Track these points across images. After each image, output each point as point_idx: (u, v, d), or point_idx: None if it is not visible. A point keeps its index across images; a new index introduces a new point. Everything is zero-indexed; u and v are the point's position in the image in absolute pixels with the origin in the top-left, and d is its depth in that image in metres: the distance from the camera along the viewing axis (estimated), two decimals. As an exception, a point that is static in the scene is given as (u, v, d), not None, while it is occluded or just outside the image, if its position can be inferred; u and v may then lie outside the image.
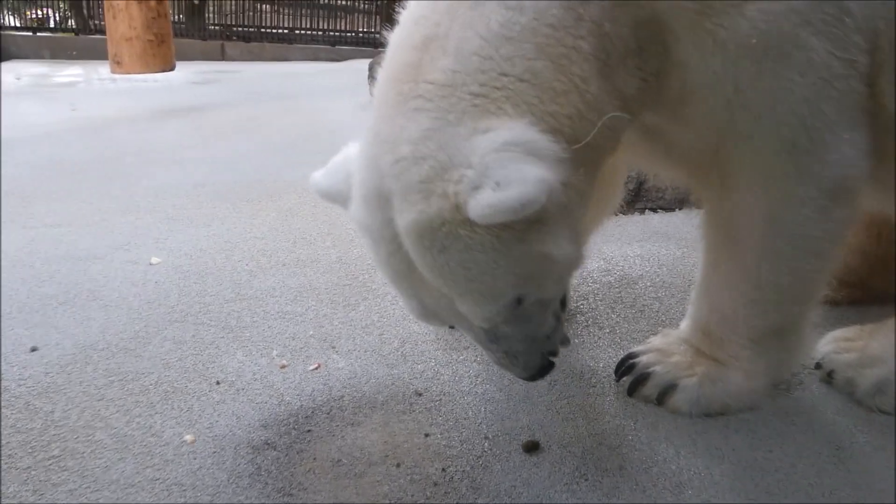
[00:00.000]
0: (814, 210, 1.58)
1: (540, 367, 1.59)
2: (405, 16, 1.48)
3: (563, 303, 1.68)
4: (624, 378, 1.87)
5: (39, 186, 3.72)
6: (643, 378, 1.83)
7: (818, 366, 1.94)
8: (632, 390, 1.84)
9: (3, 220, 3.15)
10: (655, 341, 1.94)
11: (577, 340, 2.12)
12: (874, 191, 1.70)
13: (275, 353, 2.03)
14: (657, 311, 2.33)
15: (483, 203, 1.23)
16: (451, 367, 1.97)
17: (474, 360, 2.00)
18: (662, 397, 1.80)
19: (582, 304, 2.35)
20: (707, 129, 1.56)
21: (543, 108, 1.36)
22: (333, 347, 2.07)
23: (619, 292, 2.45)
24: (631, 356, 1.91)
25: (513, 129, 1.29)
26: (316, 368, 1.95)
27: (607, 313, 2.30)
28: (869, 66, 1.48)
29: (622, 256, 2.75)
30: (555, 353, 1.62)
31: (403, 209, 1.32)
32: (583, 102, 1.41)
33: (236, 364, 1.97)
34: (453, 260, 1.33)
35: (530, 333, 1.53)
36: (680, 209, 3.29)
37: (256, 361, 1.99)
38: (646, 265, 2.67)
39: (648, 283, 2.53)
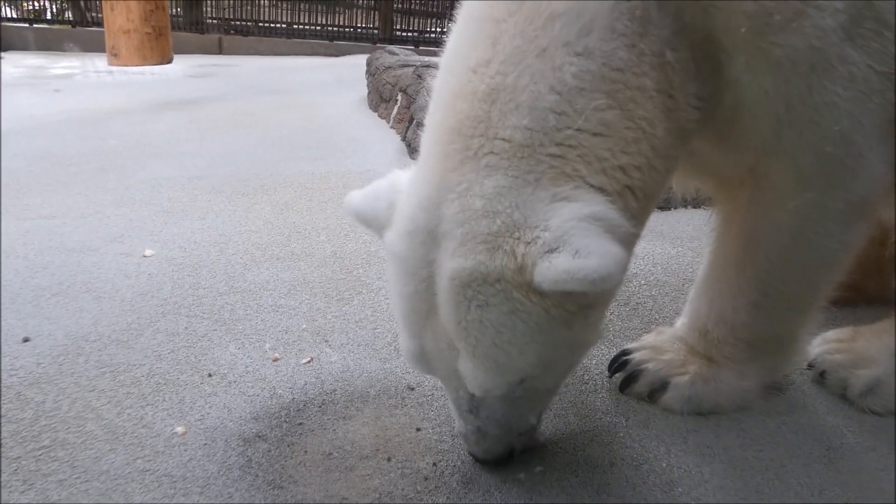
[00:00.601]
0: (838, 223, 1.60)
1: (498, 456, 1.53)
2: (454, 60, 1.41)
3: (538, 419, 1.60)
4: (616, 375, 1.88)
5: (34, 178, 3.70)
6: (635, 375, 1.84)
7: (810, 366, 1.94)
8: (624, 387, 1.84)
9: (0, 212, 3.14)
10: (649, 339, 1.94)
11: (570, 337, 2.12)
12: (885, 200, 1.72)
13: (267, 346, 2.03)
14: (651, 309, 2.33)
15: (558, 268, 1.19)
16: (443, 362, 1.96)
17: (467, 356, 2.00)
18: (654, 394, 1.80)
19: (576, 302, 2.35)
20: (750, 146, 1.56)
21: (615, 162, 1.34)
22: (326, 341, 2.06)
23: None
24: (624, 353, 1.91)
25: (596, 204, 1.27)
26: (308, 362, 1.95)
27: (601, 311, 2.30)
28: None
29: (617, 254, 2.74)
30: (514, 450, 1.54)
31: (459, 255, 1.27)
32: (651, 150, 1.40)
33: (228, 356, 1.97)
34: (490, 319, 1.28)
35: (512, 418, 1.48)
36: (675, 208, 3.29)
37: (249, 354, 1.98)
38: (640, 263, 2.67)
39: (643, 282, 2.53)
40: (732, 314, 1.76)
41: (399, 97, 5.11)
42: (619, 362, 1.89)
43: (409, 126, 4.58)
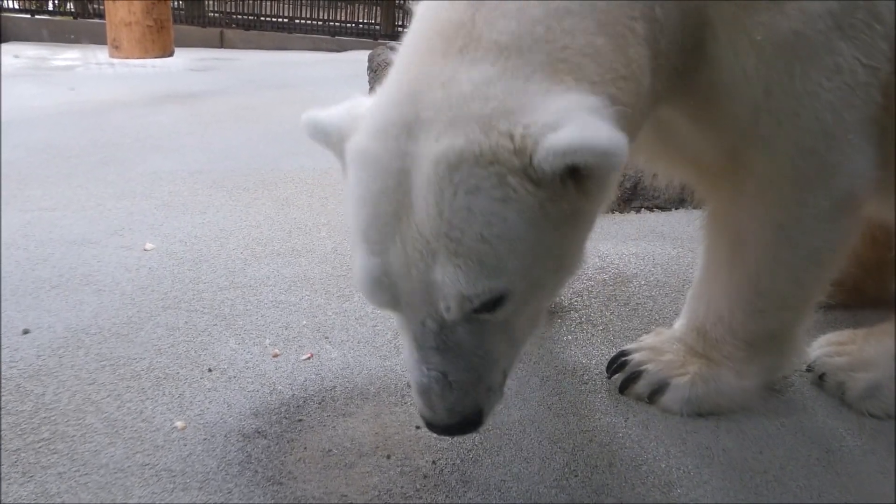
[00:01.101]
0: (821, 220, 1.58)
1: (463, 418, 1.35)
2: None
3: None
4: (616, 375, 1.88)
5: (35, 170, 3.70)
6: (635, 376, 1.84)
7: (809, 368, 1.94)
8: (623, 388, 1.84)
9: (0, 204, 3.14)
10: (648, 339, 1.94)
11: (570, 337, 2.12)
12: (876, 199, 1.69)
13: (267, 341, 2.03)
14: (650, 310, 2.33)
15: (568, 136, 1.12)
16: (443, 360, 1.96)
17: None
18: (654, 395, 1.80)
19: (576, 301, 2.35)
20: (728, 129, 1.54)
21: (604, 90, 1.27)
22: (326, 338, 2.06)
23: (614, 290, 2.45)
24: (623, 353, 1.91)
25: (594, 100, 1.21)
26: (308, 358, 1.95)
27: (601, 311, 2.30)
28: (889, 74, 1.46)
29: (617, 255, 2.75)
30: (483, 411, 1.37)
31: (447, 136, 1.17)
32: (636, 95, 1.35)
33: (228, 352, 1.97)
34: (480, 206, 1.17)
35: (484, 360, 1.34)
36: (676, 209, 3.29)
37: (249, 350, 1.98)
38: (641, 264, 2.68)
39: (643, 282, 2.53)
40: (729, 314, 1.76)
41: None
42: (618, 363, 1.89)
43: (410, 123, 4.57)
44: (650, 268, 2.65)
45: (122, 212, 3.10)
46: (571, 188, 1.21)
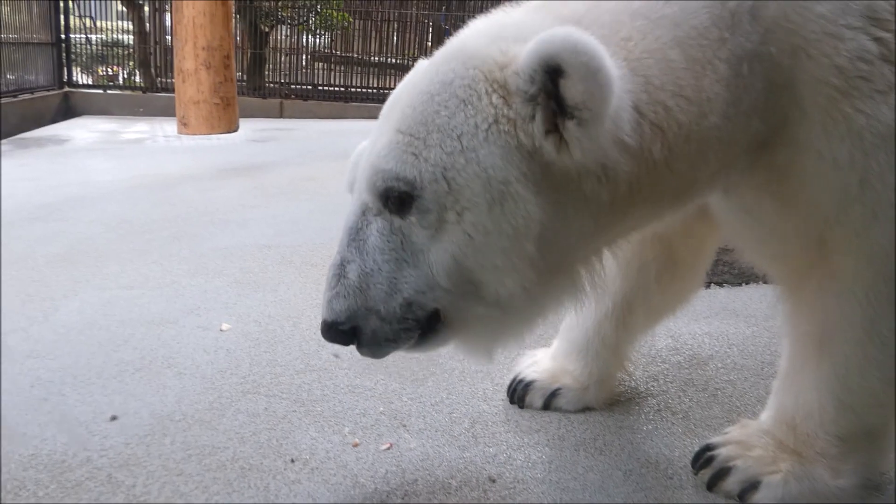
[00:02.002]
0: None
1: (333, 320, 1.29)
2: None
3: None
4: (703, 471, 1.83)
5: (112, 245, 3.85)
6: (723, 472, 1.79)
7: None
8: (711, 485, 1.79)
9: (80, 280, 3.27)
10: (734, 432, 1.89)
11: (650, 427, 2.08)
12: None
13: (346, 429, 2.04)
14: (731, 396, 2.28)
15: (542, 36, 1.15)
16: (523, 451, 1.95)
17: (546, 445, 1.98)
18: (744, 494, 1.74)
19: (652, 386, 2.31)
20: (814, 216, 1.48)
21: (658, 96, 1.25)
22: (404, 426, 2.07)
23: (690, 374, 2.41)
24: (709, 448, 1.86)
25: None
26: (388, 448, 1.95)
27: (679, 397, 2.26)
28: None
29: (690, 334, 2.70)
30: (358, 329, 1.32)
31: (465, 43, 1.32)
32: (698, 123, 1.28)
33: (309, 440, 1.98)
34: (441, 95, 1.26)
35: (381, 264, 1.29)
36: (746, 283, 3.24)
37: (329, 438, 1.99)
38: (715, 344, 2.63)
39: (720, 365, 2.48)
40: (819, 409, 1.70)
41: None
42: (704, 458, 1.84)
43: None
44: (725, 349, 2.60)
45: (196, 289, 3.19)
46: (548, 137, 1.20)
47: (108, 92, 10.81)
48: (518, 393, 2.18)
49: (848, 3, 1.28)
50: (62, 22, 10.63)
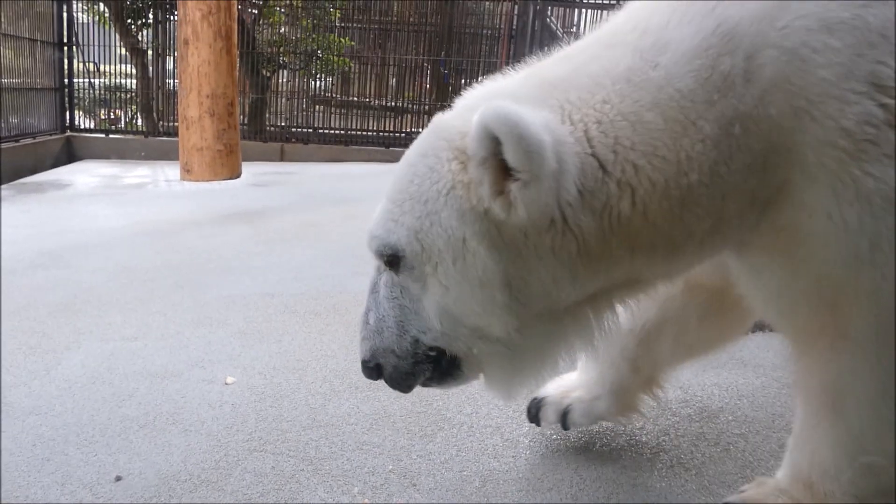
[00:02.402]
0: None
1: (364, 357, 1.59)
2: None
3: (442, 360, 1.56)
4: None
5: (114, 295, 3.83)
6: None
7: None
8: None
9: (82, 330, 3.25)
10: (751, 491, 1.86)
11: (663, 484, 2.05)
12: None
13: (356, 489, 2.01)
14: (743, 450, 2.25)
15: (487, 107, 1.26)
16: (536, 511, 1.92)
17: (559, 495, 1.94)
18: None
19: (664, 441, 2.29)
20: (824, 277, 1.46)
21: (623, 156, 1.34)
22: (414, 485, 2.03)
23: (701, 427, 2.38)
24: None
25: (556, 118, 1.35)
26: (398, 509, 1.92)
27: (691, 451, 2.23)
28: None
29: (700, 385, 2.68)
30: (381, 367, 1.58)
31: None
32: (676, 182, 1.34)
33: (318, 501, 1.95)
34: (416, 166, 1.42)
35: (390, 310, 1.50)
36: (753, 332, 3.22)
37: (338, 498, 1.96)
38: (725, 396, 2.61)
39: (730, 417, 2.45)
40: (835, 468, 1.66)
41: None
42: None
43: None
44: (736, 400, 2.58)
45: (200, 340, 3.17)
46: (497, 199, 1.31)
47: (110, 136, 10.88)
48: (532, 411, 2.22)
49: (851, 68, 1.29)
50: (65, 66, 10.77)
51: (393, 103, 11.94)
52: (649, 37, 1.38)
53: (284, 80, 12.12)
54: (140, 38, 11.63)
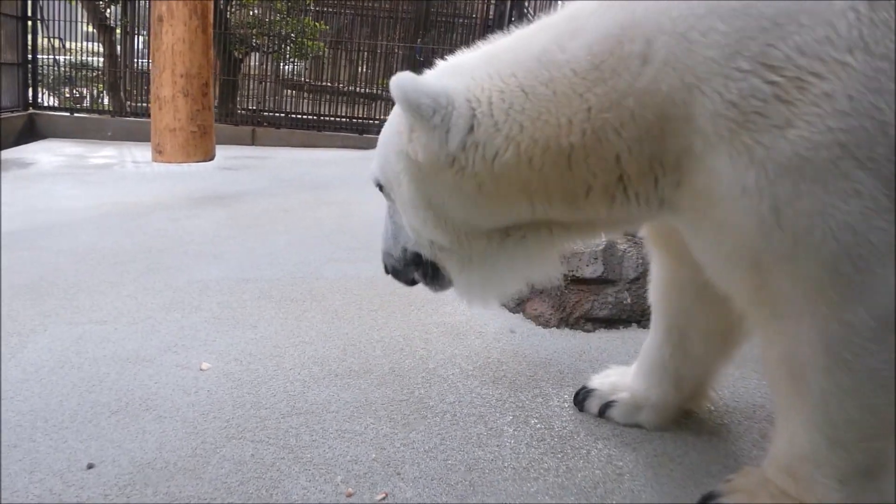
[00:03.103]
0: (870, 339, 1.48)
1: (383, 262, 2.05)
2: None
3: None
4: None
5: (83, 277, 3.71)
6: None
7: None
8: None
9: (49, 314, 3.14)
10: (738, 481, 1.86)
11: (650, 473, 2.05)
12: None
13: (339, 478, 1.96)
14: (725, 440, 2.26)
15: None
16: (523, 500, 1.89)
17: (546, 494, 1.92)
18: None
19: (646, 432, 2.28)
20: (739, 240, 1.52)
21: (513, 117, 1.61)
22: (398, 474, 1.99)
23: (684, 419, 2.38)
24: (712, 496, 1.83)
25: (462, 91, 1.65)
26: (383, 498, 1.88)
27: (674, 442, 2.23)
28: None
29: (681, 376, 2.68)
30: (386, 267, 2.05)
31: None
32: (553, 140, 1.59)
33: (300, 490, 1.90)
34: (392, 115, 1.81)
35: (389, 225, 1.98)
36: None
37: (321, 488, 1.91)
38: (706, 387, 2.61)
39: (711, 408, 2.45)
40: (811, 450, 1.66)
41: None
42: None
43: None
44: (716, 391, 2.57)
45: (173, 325, 3.08)
46: (409, 144, 1.69)
47: (75, 115, 10.58)
48: (580, 397, 2.40)
49: (738, 49, 1.42)
50: (29, 42, 10.43)
51: (366, 90, 11.80)
52: (573, 24, 1.61)
53: (257, 63, 11.91)
54: (108, 15, 11.32)
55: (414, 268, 1.99)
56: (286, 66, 12.11)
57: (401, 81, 1.58)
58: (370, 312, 3.31)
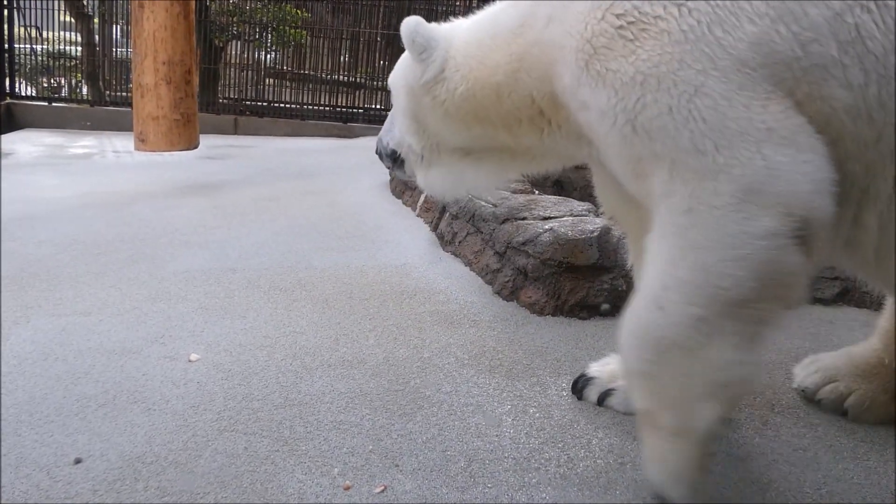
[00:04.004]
0: (731, 207, 1.55)
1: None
2: None
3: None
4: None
5: (64, 268, 3.62)
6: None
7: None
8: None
9: (31, 305, 3.05)
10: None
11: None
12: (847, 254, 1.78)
13: (336, 471, 1.91)
14: (728, 427, 2.23)
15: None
16: (525, 491, 1.85)
17: (548, 484, 1.89)
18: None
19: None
20: (617, 151, 1.76)
21: (465, 62, 2.07)
22: (397, 465, 1.95)
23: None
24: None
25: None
26: (382, 491, 1.83)
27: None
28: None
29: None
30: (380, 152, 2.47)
31: None
32: (487, 77, 2.02)
33: (296, 483, 1.85)
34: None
35: (387, 129, 2.41)
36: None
37: (317, 481, 1.86)
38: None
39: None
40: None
41: (426, 186, 5.10)
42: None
43: (440, 217, 4.55)
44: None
45: (159, 316, 3.01)
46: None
47: (53, 104, 10.38)
48: (579, 385, 2.40)
49: (596, 5, 1.75)
50: (5, 31, 10.20)
51: (348, 78, 11.67)
52: (516, 1, 2.02)
53: (239, 51, 11.74)
54: (85, 3, 11.09)
55: (389, 158, 2.44)
56: (267, 55, 11.95)
57: (409, 23, 2.08)
58: (361, 301, 3.25)
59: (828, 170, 1.58)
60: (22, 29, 10.63)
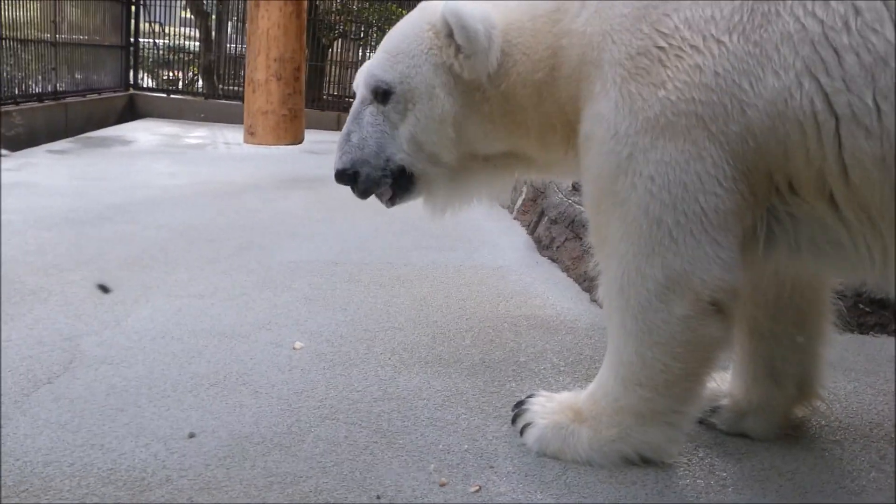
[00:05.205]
0: (656, 295, 1.68)
1: (341, 167, 2.07)
2: None
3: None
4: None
5: (181, 253, 3.83)
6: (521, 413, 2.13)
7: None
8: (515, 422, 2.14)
9: (150, 285, 3.25)
10: (550, 396, 2.15)
11: (756, 487, 1.94)
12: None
13: (431, 466, 1.94)
14: (840, 459, 2.12)
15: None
16: (621, 505, 1.82)
17: (645, 499, 1.85)
18: (523, 430, 2.06)
19: (751, 445, 2.17)
20: (594, 181, 1.80)
21: (512, 52, 1.91)
22: (492, 467, 1.96)
23: (794, 432, 2.25)
24: (522, 403, 2.15)
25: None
26: (477, 490, 1.85)
27: (783, 457, 2.11)
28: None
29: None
30: (357, 175, 2.08)
31: None
32: (529, 76, 1.89)
33: (394, 476, 1.89)
34: (406, 26, 2.04)
35: (372, 133, 2.02)
36: (841, 333, 3.05)
37: (414, 475, 1.90)
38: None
39: (823, 423, 2.32)
40: (604, 382, 1.95)
41: (524, 188, 5.09)
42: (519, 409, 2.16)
43: (538, 221, 4.53)
44: (826, 405, 2.43)
45: (266, 303, 3.14)
46: (455, 61, 1.93)
47: (171, 96, 10.99)
48: None
49: (644, 14, 1.67)
50: (132, 26, 10.88)
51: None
52: None
53: (343, 49, 12.07)
54: (204, 1, 11.68)
55: (389, 179, 2.11)
56: (371, 53, 12.22)
57: (458, 9, 1.86)
58: (458, 301, 3.28)
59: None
60: (146, 24, 11.31)
